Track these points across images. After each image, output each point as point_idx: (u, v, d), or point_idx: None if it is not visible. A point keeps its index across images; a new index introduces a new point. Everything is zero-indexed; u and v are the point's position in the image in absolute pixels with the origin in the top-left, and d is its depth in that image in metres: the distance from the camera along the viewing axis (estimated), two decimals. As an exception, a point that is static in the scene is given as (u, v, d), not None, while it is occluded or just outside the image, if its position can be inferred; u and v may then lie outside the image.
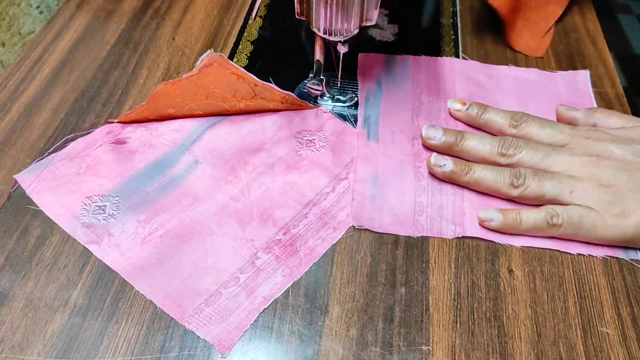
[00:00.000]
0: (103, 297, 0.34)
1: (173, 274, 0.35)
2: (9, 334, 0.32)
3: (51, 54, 0.50)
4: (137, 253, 0.36)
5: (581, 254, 0.37)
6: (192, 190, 0.39)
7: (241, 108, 0.43)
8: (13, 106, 0.45)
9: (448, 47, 0.52)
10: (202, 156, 0.41)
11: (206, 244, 0.36)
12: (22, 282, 0.34)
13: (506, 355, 0.32)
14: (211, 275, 0.35)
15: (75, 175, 0.39)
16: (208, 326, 0.33)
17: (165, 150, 0.41)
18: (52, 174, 0.39)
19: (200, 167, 0.41)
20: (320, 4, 0.37)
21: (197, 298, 0.34)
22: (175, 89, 0.43)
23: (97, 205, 0.38)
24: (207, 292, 0.34)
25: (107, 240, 0.36)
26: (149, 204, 0.38)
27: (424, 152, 0.42)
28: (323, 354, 0.32)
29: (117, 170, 0.40)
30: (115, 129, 0.43)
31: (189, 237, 0.37)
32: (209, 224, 0.37)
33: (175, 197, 0.39)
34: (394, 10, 0.56)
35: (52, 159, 0.40)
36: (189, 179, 0.40)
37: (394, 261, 0.36)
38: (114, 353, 0.31)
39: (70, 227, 0.37)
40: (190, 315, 0.33)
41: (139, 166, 0.40)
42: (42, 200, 0.38)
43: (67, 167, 0.40)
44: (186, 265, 0.35)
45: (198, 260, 0.36)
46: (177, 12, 0.55)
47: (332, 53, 0.43)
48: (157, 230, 0.37)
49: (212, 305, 0.33)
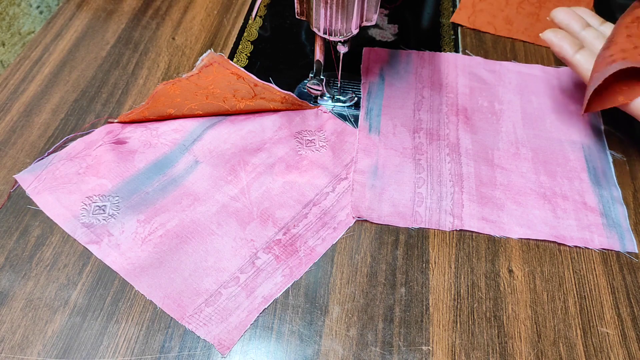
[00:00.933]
0: (103, 297, 0.34)
1: (173, 274, 0.35)
2: (9, 334, 0.32)
3: (51, 54, 0.50)
4: (137, 253, 0.36)
5: (577, 246, 0.37)
6: (192, 190, 0.39)
7: (241, 108, 0.43)
8: (13, 106, 0.45)
9: (448, 47, 0.52)
10: (202, 156, 0.41)
11: (206, 244, 0.36)
12: (22, 282, 0.34)
13: (506, 355, 0.32)
14: (211, 275, 0.35)
15: (75, 175, 0.39)
16: (208, 326, 0.33)
17: (165, 150, 0.41)
18: (52, 174, 0.39)
19: (200, 167, 0.41)
20: (320, 4, 0.37)
21: (197, 298, 0.34)
22: (175, 89, 0.43)
23: (97, 205, 0.38)
24: (207, 292, 0.34)
25: (107, 240, 0.36)
26: (149, 204, 0.38)
27: (424, 145, 0.42)
28: (323, 354, 0.32)
29: (117, 170, 0.40)
30: (115, 129, 0.43)
31: (189, 237, 0.37)
32: (209, 224, 0.37)
33: (175, 197, 0.39)
34: (394, 10, 0.56)
35: (52, 159, 0.40)
36: (189, 178, 0.40)
37: (394, 261, 0.36)
38: (114, 353, 0.31)
39: (71, 227, 0.37)
40: (190, 315, 0.33)
41: (138, 166, 0.40)
42: (42, 200, 0.38)
43: (67, 167, 0.40)
44: (186, 265, 0.35)
45: (198, 260, 0.36)
46: (177, 12, 0.55)
47: (332, 53, 0.43)
48: (157, 230, 0.37)
49: (212, 305, 0.33)
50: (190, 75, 0.45)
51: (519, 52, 0.52)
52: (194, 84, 0.44)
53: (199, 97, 0.43)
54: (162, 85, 0.43)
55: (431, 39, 0.53)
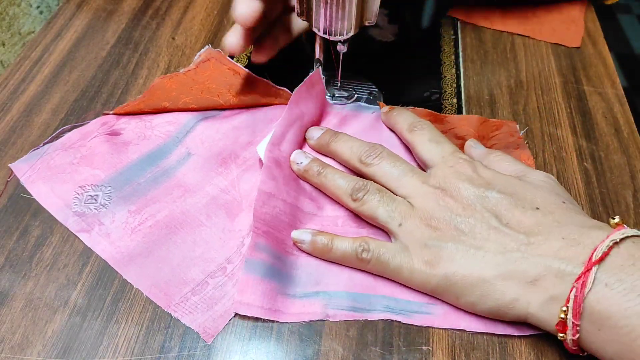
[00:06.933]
0: (103, 297, 0.34)
1: (161, 264, 0.35)
2: (9, 334, 0.32)
3: (51, 54, 0.50)
4: (126, 242, 0.36)
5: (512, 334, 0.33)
6: (183, 182, 0.40)
7: (236, 103, 0.44)
8: (13, 106, 0.45)
9: (448, 47, 0.52)
10: (194, 147, 0.41)
11: (195, 234, 0.37)
12: (22, 282, 0.34)
13: (506, 356, 0.32)
14: (198, 265, 0.35)
15: (69, 165, 0.40)
16: (193, 314, 0.33)
17: (159, 142, 0.42)
18: (46, 164, 0.40)
19: (192, 159, 0.41)
20: (320, 4, 0.37)
21: (184, 287, 0.34)
22: (172, 83, 0.44)
23: (89, 195, 0.38)
24: (194, 281, 0.34)
25: (97, 229, 0.37)
26: (141, 194, 0.39)
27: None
28: (323, 354, 0.32)
29: (110, 161, 0.40)
30: (110, 121, 0.43)
31: (178, 228, 0.37)
32: (198, 215, 0.38)
33: (166, 188, 0.39)
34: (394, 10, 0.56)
35: (47, 149, 0.41)
36: (181, 170, 0.40)
37: (394, 261, 0.36)
38: (113, 353, 0.31)
39: (62, 216, 0.37)
40: (177, 304, 0.33)
41: (132, 157, 0.41)
42: (36, 189, 0.39)
43: (62, 157, 0.40)
44: (174, 255, 0.36)
45: (186, 250, 0.36)
46: (177, 12, 0.55)
47: (332, 53, 0.43)
48: (147, 221, 0.37)
49: (198, 294, 0.34)
50: (188, 70, 0.45)
51: (518, 52, 0.52)
52: (190, 78, 0.44)
53: (194, 92, 0.43)
54: (159, 79, 0.44)
55: (431, 39, 0.53)
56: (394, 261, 0.33)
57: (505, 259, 0.31)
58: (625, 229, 0.30)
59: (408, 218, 0.34)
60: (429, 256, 0.33)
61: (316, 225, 0.37)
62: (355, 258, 0.34)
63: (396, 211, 0.35)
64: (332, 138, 0.40)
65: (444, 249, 0.32)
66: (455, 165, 0.35)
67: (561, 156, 0.43)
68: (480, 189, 0.34)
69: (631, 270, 0.28)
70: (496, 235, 0.32)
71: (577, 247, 0.30)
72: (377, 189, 0.36)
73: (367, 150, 0.38)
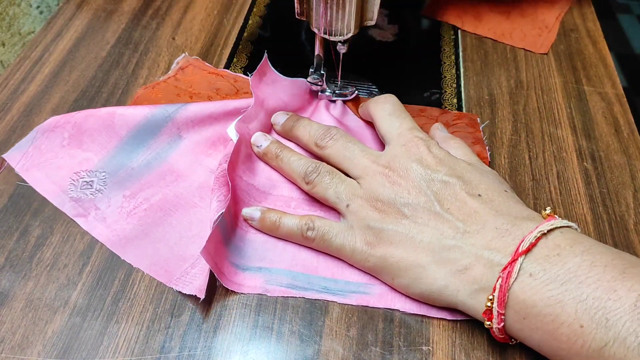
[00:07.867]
0: (103, 297, 0.34)
1: (158, 244, 0.36)
2: (9, 334, 0.32)
3: (51, 54, 0.50)
4: (122, 225, 0.37)
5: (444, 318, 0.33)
6: (175, 167, 0.40)
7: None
8: (13, 106, 0.45)
9: (448, 47, 0.52)
10: (185, 130, 0.41)
11: (190, 215, 0.38)
12: (22, 282, 0.34)
13: (506, 356, 0.32)
14: (196, 243, 0.36)
15: (60, 149, 0.40)
16: (193, 283, 0.34)
17: (146, 112, 0.41)
18: (38, 150, 0.40)
19: (184, 143, 0.41)
20: (320, 4, 0.37)
21: (184, 263, 0.35)
22: (156, 92, 0.44)
23: (84, 181, 0.39)
24: (193, 257, 0.35)
25: (93, 214, 0.37)
26: (135, 179, 0.39)
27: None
28: (323, 354, 0.32)
29: (99, 140, 0.40)
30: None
31: (173, 210, 0.38)
32: (191, 197, 0.39)
33: (159, 173, 0.40)
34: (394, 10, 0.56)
35: (35, 134, 0.41)
36: (172, 156, 0.41)
37: (394, 261, 0.36)
38: (114, 353, 0.31)
39: (59, 201, 0.38)
40: (178, 278, 0.34)
41: (120, 134, 0.41)
42: (31, 177, 0.39)
43: (50, 139, 0.41)
44: (171, 235, 0.36)
45: (183, 230, 0.37)
46: (177, 12, 0.55)
47: (332, 53, 0.43)
48: (142, 205, 0.38)
49: (197, 267, 0.35)
50: (168, 77, 0.45)
51: (518, 52, 0.52)
52: (172, 85, 0.44)
53: (182, 98, 0.43)
54: (142, 90, 0.44)
55: (431, 39, 0.53)
56: (337, 240, 0.35)
57: (441, 245, 0.32)
58: (555, 220, 0.30)
59: (355, 199, 0.35)
60: (370, 237, 0.34)
61: (269, 203, 0.39)
62: (300, 236, 0.35)
63: (344, 192, 0.36)
64: (295, 123, 0.41)
65: (384, 231, 0.33)
66: (408, 144, 0.35)
67: (561, 156, 0.43)
68: (427, 171, 0.34)
69: (555, 260, 0.28)
70: (435, 221, 0.33)
71: (508, 237, 0.30)
72: (327, 171, 0.37)
73: (322, 133, 0.39)
